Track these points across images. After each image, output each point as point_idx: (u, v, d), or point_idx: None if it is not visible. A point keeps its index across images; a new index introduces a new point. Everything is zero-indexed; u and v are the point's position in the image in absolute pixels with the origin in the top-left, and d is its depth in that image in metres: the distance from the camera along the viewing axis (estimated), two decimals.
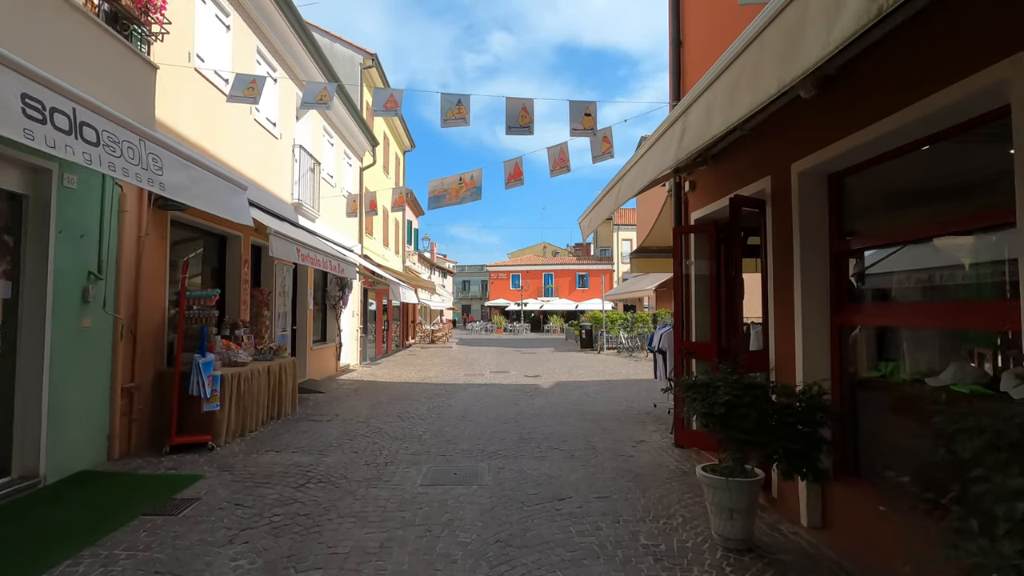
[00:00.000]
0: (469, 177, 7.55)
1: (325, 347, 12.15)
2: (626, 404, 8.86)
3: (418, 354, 19.95)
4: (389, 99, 5.69)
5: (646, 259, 8.40)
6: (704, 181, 5.46)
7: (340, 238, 12.83)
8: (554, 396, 9.78)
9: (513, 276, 51.47)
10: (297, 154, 10.06)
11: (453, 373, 13.66)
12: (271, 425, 6.93)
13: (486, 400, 9.30)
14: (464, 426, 7.08)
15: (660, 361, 8.15)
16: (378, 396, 9.63)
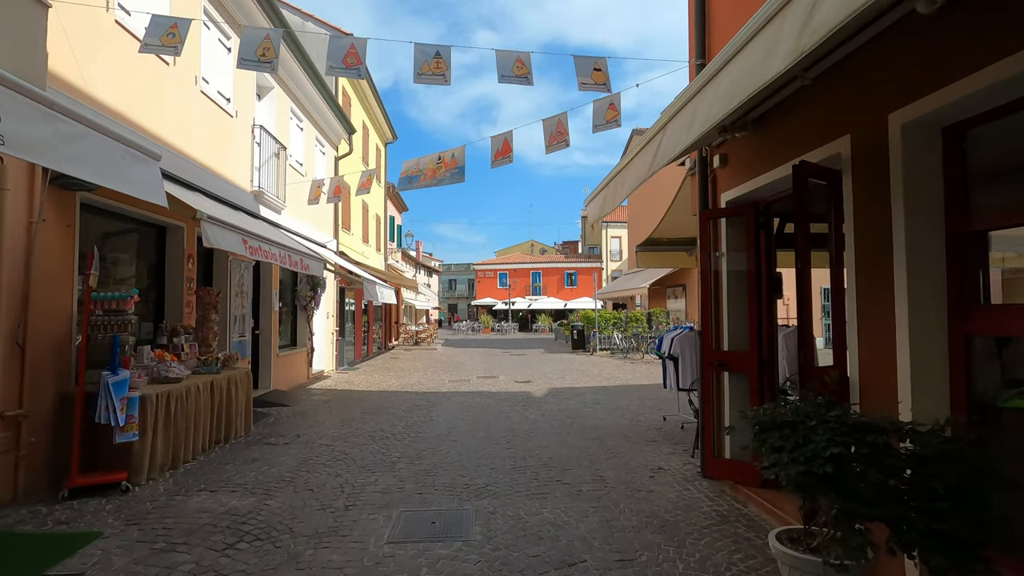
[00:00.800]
0: (450, 156, 6.49)
1: (294, 352, 10.99)
2: (631, 416, 7.85)
3: (401, 357, 18.81)
4: (348, 51, 4.58)
5: (654, 253, 7.40)
6: (740, 153, 4.46)
7: (312, 232, 11.66)
8: (549, 407, 8.75)
9: (500, 275, 50.42)
10: (258, 136, 8.89)
11: (437, 379, 12.57)
12: (215, 452, 5.80)
13: (473, 412, 8.24)
14: (447, 449, 6.01)
15: (671, 369, 7.15)
16: (351, 409, 8.51)
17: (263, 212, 8.96)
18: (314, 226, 12.12)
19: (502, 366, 15.51)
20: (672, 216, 6.37)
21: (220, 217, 5.17)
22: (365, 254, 18.04)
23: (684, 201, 5.97)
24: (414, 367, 15.36)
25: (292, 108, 10.70)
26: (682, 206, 6.11)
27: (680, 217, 6.38)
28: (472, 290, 56.78)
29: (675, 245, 7.29)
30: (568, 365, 15.71)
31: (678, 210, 6.24)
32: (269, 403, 8.55)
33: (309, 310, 11.59)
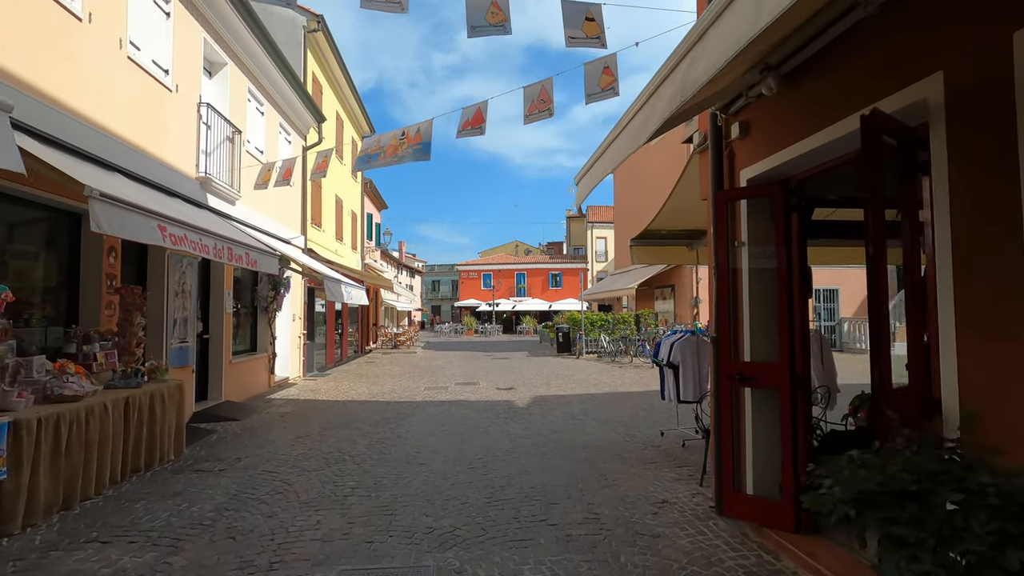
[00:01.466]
0: (415, 131, 5.61)
1: (253, 359, 9.97)
2: (624, 431, 7.02)
3: (377, 361, 17.80)
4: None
5: (651, 247, 6.57)
6: (765, 118, 3.64)
7: (274, 227, 10.65)
8: (533, 419, 7.87)
9: (484, 275, 49.51)
10: (207, 116, 7.89)
11: (412, 386, 11.63)
12: (129, 484, 4.82)
13: (448, 427, 7.34)
14: (412, 475, 5.10)
15: (670, 378, 6.33)
16: (310, 424, 7.55)
17: (211, 201, 7.96)
18: (278, 221, 11.12)
19: (484, 371, 14.61)
20: (674, 204, 5.55)
21: (128, 198, 4.21)
22: (339, 252, 17.02)
23: (689, 185, 5.15)
24: (390, 372, 14.38)
25: (250, 89, 9.70)
26: (686, 191, 5.30)
27: (683, 205, 5.57)
28: (456, 291, 55.77)
29: (674, 239, 6.47)
30: (553, 370, 14.87)
31: (681, 196, 5.42)
32: (217, 417, 7.56)
33: (271, 312, 10.57)
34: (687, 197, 5.39)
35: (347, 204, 18.51)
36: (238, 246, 6.01)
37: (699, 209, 5.59)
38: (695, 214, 5.82)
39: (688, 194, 5.35)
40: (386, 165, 6.07)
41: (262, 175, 7.73)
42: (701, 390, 6.18)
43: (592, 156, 3.57)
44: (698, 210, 5.65)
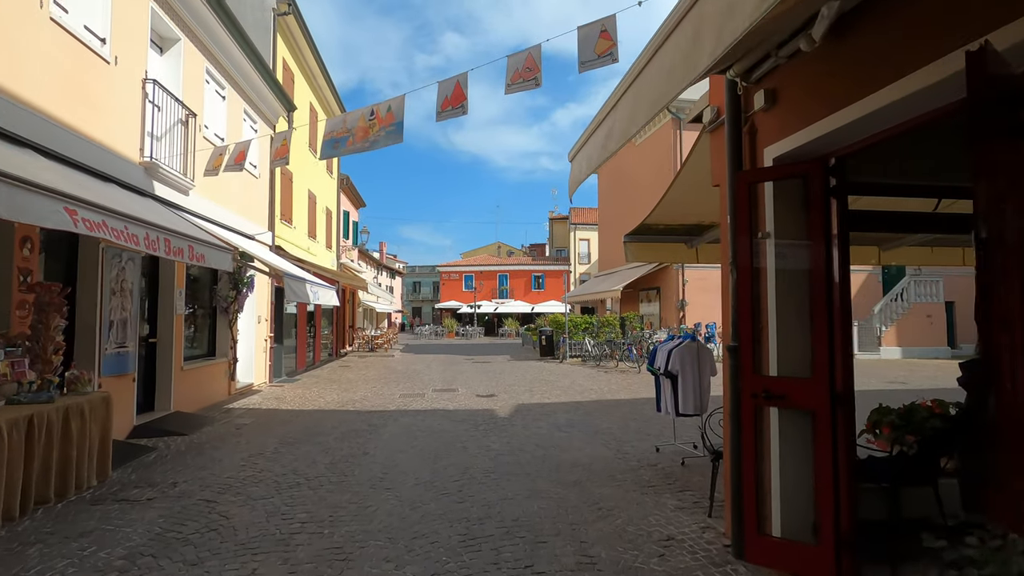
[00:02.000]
0: (385, 109, 4.93)
1: (210, 364, 9.12)
2: (615, 445, 6.39)
3: (352, 365, 16.97)
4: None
5: (646, 244, 5.96)
6: (799, 82, 3.03)
7: (236, 222, 9.83)
8: (515, 432, 7.21)
9: (466, 277, 48.74)
10: (154, 95, 7.08)
11: (387, 393, 10.88)
12: (32, 519, 4.02)
13: (422, 441, 6.63)
14: (376, 504, 4.40)
15: (667, 389, 5.73)
16: (267, 438, 6.78)
17: (159, 190, 7.14)
18: (242, 215, 10.28)
19: (464, 376, 13.90)
20: (674, 195, 4.94)
21: (31, 176, 3.44)
22: (311, 251, 16.17)
23: (694, 174, 4.55)
24: (364, 378, 13.58)
25: (208, 70, 8.88)
26: (690, 181, 4.69)
27: (684, 197, 4.97)
28: (437, 293, 54.88)
29: (672, 235, 5.87)
30: (537, 375, 14.22)
31: (683, 187, 4.81)
32: (162, 431, 6.74)
33: (231, 313, 9.73)
34: (689, 188, 4.79)
35: (321, 200, 17.66)
36: (178, 238, 5.23)
37: (703, 201, 5.00)
38: (697, 207, 5.23)
39: (690, 184, 4.75)
40: (357, 151, 5.36)
41: (213, 159, 6.94)
42: (702, 403, 5.58)
43: (592, 123, 2.93)
44: (702, 202, 5.06)
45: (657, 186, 21.88)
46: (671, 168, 19.50)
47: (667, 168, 19.78)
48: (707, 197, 5.03)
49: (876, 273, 20.67)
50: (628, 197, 23.86)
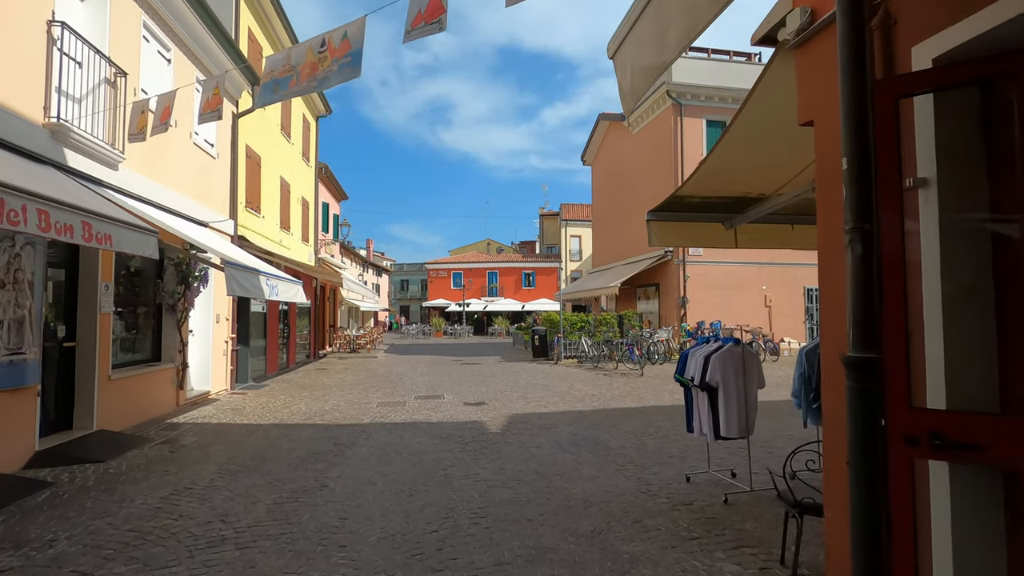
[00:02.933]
0: (340, 37, 3.71)
1: (151, 371, 7.80)
2: (635, 473, 5.19)
3: (330, 368, 15.65)
4: None
5: (674, 225, 4.75)
6: None
7: (187, 206, 8.50)
8: (510, 452, 5.99)
9: (454, 274, 47.42)
10: (64, 42, 5.76)
11: (363, 401, 9.61)
12: None
13: (396, 467, 5.39)
14: (320, 573, 3.16)
15: (704, 405, 4.55)
16: (204, 465, 5.50)
17: (72, 160, 5.82)
18: (195, 199, 8.95)
19: (451, 380, 12.65)
20: (721, 156, 3.74)
21: None
22: (284, 243, 14.82)
23: (751, 124, 3.36)
24: (341, 383, 12.29)
25: (146, 24, 7.53)
26: (744, 134, 3.50)
27: (736, 157, 3.79)
28: (425, 291, 53.50)
29: (708, 211, 4.68)
30: (530, 378, 13.01)
31: (736, 142, 3.62)
32: (72, 458, 5.43)
33: (179, 312, 8.41)
34: (742, 146, 3.62)
35: (296, 189, 16.30)
36: (68, 212, 3.94)
37: (757, 165, 3.84)
38: (749, 174, 4.06)
39: (743, 141, 3.57)
40: (303, 92, 4.14)
41: (135, 120, 5.64)
42: (748, 422, 4.40)
43: None
44: (757, 166, 3.89)
45: (656, 177, 20.78)
46: (671, 157, 18.40)
47: (667, 157, 18.67)
48: (766, 158, 3.85)
49: None
50: (624, 190, 22.73)
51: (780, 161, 3.92)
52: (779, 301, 18.73)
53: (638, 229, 21.00)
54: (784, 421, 7.28)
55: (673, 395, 10.12)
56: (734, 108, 18.75)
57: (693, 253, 18.30)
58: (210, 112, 4.93)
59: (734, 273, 18.52)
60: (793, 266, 18.97)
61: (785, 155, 3.84)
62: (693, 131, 18.46)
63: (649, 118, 20.19)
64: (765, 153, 3.83)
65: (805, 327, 18.85)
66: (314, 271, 15.96)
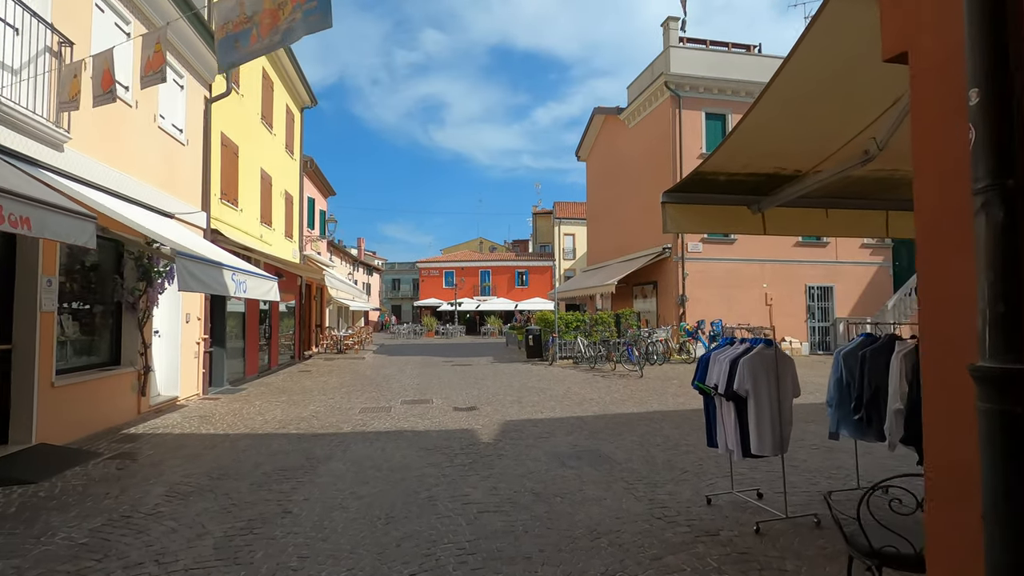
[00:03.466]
0: None
1: (106, 376, 7.07)
2: (646, 493, 4.54)
3: (315, 370, 14.92)
4: None
5: (694, 208, 4.11)
6: None
7: (151, 195, 7.77)
8: (504, 467, 5.33)
9: (446, 273, 46.71)
10: None
11: (345, 407, 8.92)
12: None
13: (373, 487, 4.72)
14: None
15: (731, 417, 3.91)
16: (154, 486, 4.80)
17: (4, 138, 5.09)
18: (162, 189, 8.22)
19: (441, 382, 11.97)
20: (759, 121, 3.10)
21: None
22: (265, 239, 14.07)
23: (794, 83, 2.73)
24: (323, 386, 11.57)
25: None
26: (786, 93, 2.86)
27: (773, 126, 3.15)
28: (417, 290, 52.69)
29: (733, 192, 4.04)
30: (524, 380, 12.36)
31: (775, 108, 2.98)
32: None
33: (141, 310, 7.67)
34: (783, 108, 2.98)
35: (279, 182, 15.54)
36: None
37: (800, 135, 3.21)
38: (789, 144, 3.42)
39: (786, 101, 2.93)
40: (267, 49, 3.46)
41: (67, 84, 4.91)
42: (783, 437, 3.77)
43: None
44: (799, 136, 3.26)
45: (653, 171, 20.13)
46: (670, 151, 17.80)
47: (665, 151, 18.08)
48: (808, 126, 3.22)
49: (887, 265, 19.27)
50: (620, 185, 22.13)
51: (826, 130, 3.29)
52: (780, 299, 18.19)
53: (635, 225, 20.41)
54: (800, 428, 6.66)
55: (677, 398, 9.51)
56: (734, 100, 18.20)
57: (692, 250, 17.73)
58: (152, 74, 4.23)
59: (734, 271, 17.97)
60: (795, 263, 18.45)
61: (834, 123, 3.21)
62: (692, 124, 17.88)
63: (646, 111, 19.60)
64: (809, 120, 3.20)
65: (807, 326, 18.34)
66: (299, 269, 15.22)
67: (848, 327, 18.05)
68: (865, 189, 4.20)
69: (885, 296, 18.85)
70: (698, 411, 8.54)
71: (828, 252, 18.79)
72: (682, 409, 8.53)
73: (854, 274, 18.94)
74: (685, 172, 17.53)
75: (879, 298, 18.85)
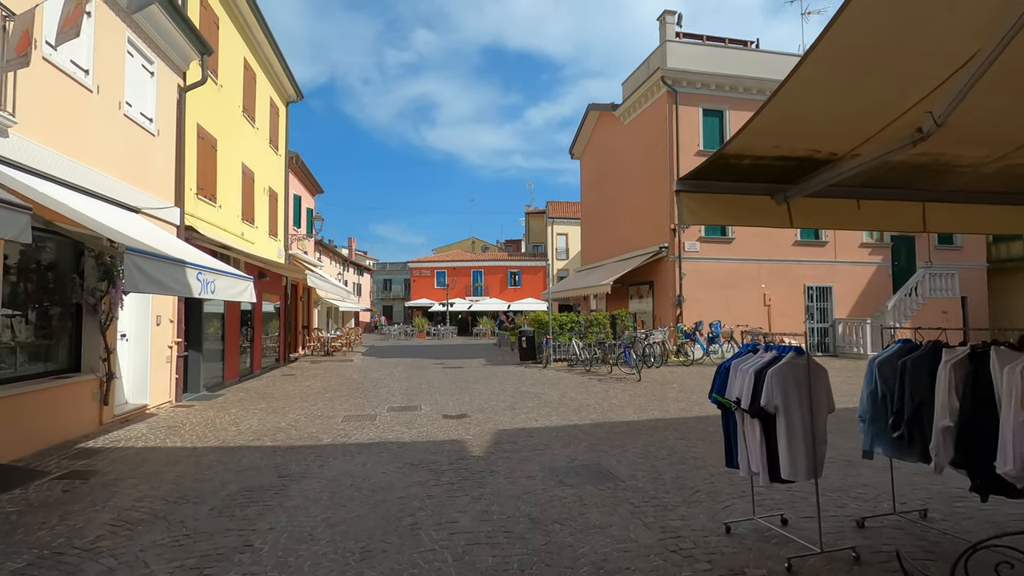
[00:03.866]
0: None
1: (63, 384, 6.48)
2: (656, 518, 4.05)
3: (299, 373, 14.33)
4: None
5: (712, 197, 3.61)
6: None
7: (113, 188, 7.19)
8: (496, 487, 4.82)
9: (438, 273, 46.10)
10: None
11: (327, 414, 8.37)
12: None
13: (349, 512, 4.19)
14: None
15: (757, 435, 3.43)
16: (99, 513, 4.24)
17: None
18: (128, 182, 7.63)
19: (430, 387, 11.43)
20: (797, 93, 2.60)
21: None
22: (247, 237, 13.46)
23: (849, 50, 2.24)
24: (306, 391, 11.00)
25: None
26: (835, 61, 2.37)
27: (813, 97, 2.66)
28: (409, 291, 51.99)
29: (757, 179, 3.56)
30: (518, 384, 11.85)
31: (817, 78, 2.49)
32: None
33: (102, 312, 7.08)
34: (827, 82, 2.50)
35: (262, 178, 14.93)
36: None
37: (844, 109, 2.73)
38: (826, 120, 2.94)
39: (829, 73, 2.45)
40: None
41: None
42: (816, 459, 3.29)
43: None
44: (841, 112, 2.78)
45: (650, 169, 19.65)
46: (666, 148, 17.37)
47: (661, 148, 17.64)
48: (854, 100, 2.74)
49: (886, 265, 18.95)
50: (615, 183, 21.68)
51: (873, 105, 2.81)
52: (778, 300, 17.82)
53: (630, 224, 19.95)
54: None
55: (678, 404, 9.05)
56: (732, 96, 17.79)
57: (689, 249, 17.30)
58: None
59: (732, 270, 17.57)
60: (793, 263, 18.09)
61: (883, 95, 2.73)
62: (689, 120, 17.46)
63: (642, 107, 19.15)
64: (854, 92, 2.71)
65: (805, 327, 17.96)
66: (282, 268, 14.62)
67: (847, 328, 17.70)
68: (903, 177, 3.73)
69: (884, 296, 18.54)
70: (702, 419, 8.10)
71: (827, 251, 18.44)
72: (685, 416, 8.06)
73: (853, 274, 18.60)
74: (682, 169, 17.11)
75: (878, 298, 18.53)
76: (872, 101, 2.81)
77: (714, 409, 8.55)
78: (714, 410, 8.66)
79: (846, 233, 18.42)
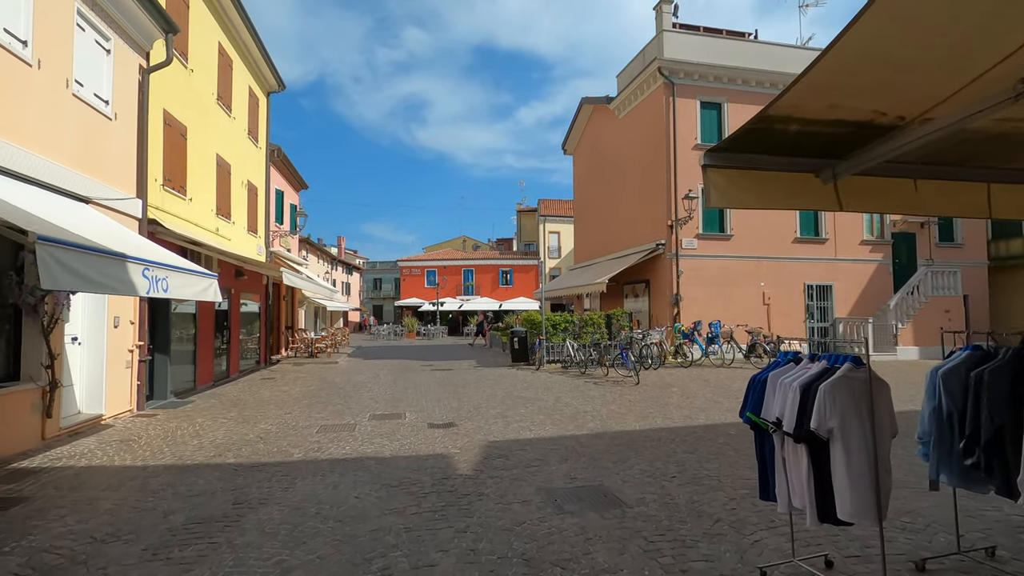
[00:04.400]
0: None
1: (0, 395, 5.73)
2: (671, 552, 3.40)
3: (280, 377, 13.56)
4: None
5: (745, 174, 2.97)
6: None
7: (57, 174, 6.43)
8: (485, 515, 4.16)
9: (428, 272, 45.33)
10: None
11: (302, 424, 7.66)
12: None
13: (309, 550, 3.51)
14: None
15: (804, 464, 2.77)
16: (4, 558, 3.53)
17: None
18: (77, 169, 6.87)
19: (417, 392, 10.74)
20: (859, 45, 1.97)
21: None
22: (223, 232, 12.68)
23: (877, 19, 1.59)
24: (283, 397, 10.26)
25: None
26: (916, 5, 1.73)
27: (882, 52, 2.01)
28: (399, 290, 51.15)
29: (801, 152, 2.92)
30: (510, 388, 11.18)
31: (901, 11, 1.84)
32: None
33: (44, 313, 6.33)
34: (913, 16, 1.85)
35: (239, 171, 14.13)
36: None
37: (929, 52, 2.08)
38: (903, 76, 2.30)
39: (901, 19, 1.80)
40: None
41: None
42: (880, 494, 2.64)
43: None
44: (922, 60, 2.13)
45: (646, 163, 18.97)
46: (664, 141, 16.78)
47: (658, 141, 17.05)
48: (943, 40, 2.10)
49: (887, 263, 18.48)
50: (610, 179, 21.07)
51: (960, 54, 2.16)
52: (778, 299, 17.29)
53: (625, 220, 19.34)
54: None
55: (681, 411, 8.43)
56: (730, 88, 17.23)
57: (687, 246, 16.72)
58: None
59: (730, 268, 17.02)
60: (793, 261, 17.57)
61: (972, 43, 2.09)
62: (686, 112, 16.88)
63: (638, 99, 18.54)
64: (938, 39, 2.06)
65: (806, 327, 17.45)
66: (260, 267, 13.84)
67: (847, 327, 17.22)
68: (972, 151, 3.11)
69: (885, 295, 18.09)
70: (710, 428, 7.48)
71: (827, 249, 17.95)
72: (691, 425, 7.45)
73: (853, 272, 18.12)
74: (680, 164, 16.54)
75: (879, 297, 18.07)
76: (959, 50, 2.16)
77: (721, 416, 7.99)
78: (722, 418, 8.08)
79: (846, 230, 17.96)
